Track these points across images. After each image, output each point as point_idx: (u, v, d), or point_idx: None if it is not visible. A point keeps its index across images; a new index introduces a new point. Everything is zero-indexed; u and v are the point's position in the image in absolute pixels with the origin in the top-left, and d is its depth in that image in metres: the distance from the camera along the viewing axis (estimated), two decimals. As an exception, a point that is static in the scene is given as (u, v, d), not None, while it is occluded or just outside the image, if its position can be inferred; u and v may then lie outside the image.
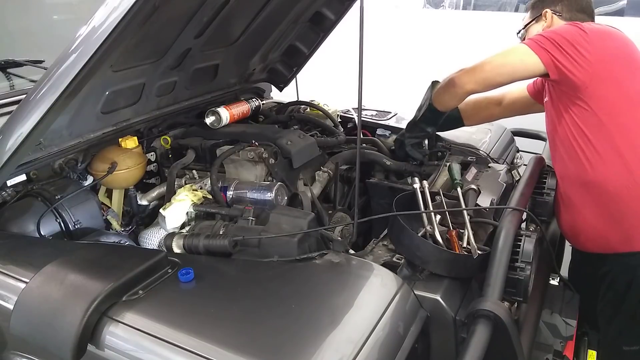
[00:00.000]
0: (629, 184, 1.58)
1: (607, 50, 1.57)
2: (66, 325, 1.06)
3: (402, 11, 4.88)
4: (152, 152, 1.95)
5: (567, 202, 1.73)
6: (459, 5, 5.10)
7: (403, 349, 1.09)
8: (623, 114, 1.58)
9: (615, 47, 1.61)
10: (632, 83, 1.61)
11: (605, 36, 1.60)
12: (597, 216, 1.66)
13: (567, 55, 1.53)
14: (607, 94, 1.57)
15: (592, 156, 1.60)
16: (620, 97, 1.58)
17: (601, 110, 1.57)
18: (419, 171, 1.93)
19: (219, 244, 1.36)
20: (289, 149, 1.79)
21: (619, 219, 1.62)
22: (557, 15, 1.78)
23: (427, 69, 4.14)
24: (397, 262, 1.33)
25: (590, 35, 1.54)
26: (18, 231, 1.48)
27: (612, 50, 1.59)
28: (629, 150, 1.58)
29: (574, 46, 1.53)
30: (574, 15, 1.76)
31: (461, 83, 1.68)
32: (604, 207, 1.63)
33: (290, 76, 2.53)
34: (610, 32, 1.64)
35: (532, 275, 1.31)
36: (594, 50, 1.53)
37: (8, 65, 1.91)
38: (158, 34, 1.57)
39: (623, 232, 1.63)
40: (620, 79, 1.58)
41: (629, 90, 1.60)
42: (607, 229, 1.65)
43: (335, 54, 3.08)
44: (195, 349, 1.00)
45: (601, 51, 1.55)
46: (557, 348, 1.53)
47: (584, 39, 1.54)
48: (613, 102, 1.58)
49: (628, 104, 1.59)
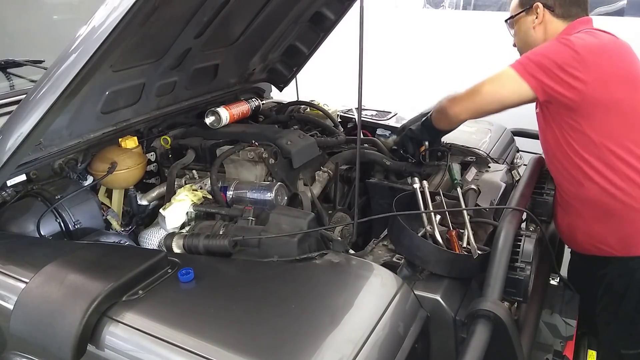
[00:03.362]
0: (624, 199, 1.55)
1: (601, 71, 1.49)
2: (66, 325, 1.06)
3: (402, 11, 4.89)
4: (152, 152, 1.95)
5: (565, 206, 1.72)
6: (459, 5, 5.11)
7: (403, 349, 1.09)
8: (617, 134, 1.52)
9: (611, 65, 1.52)
10: (631, 102, 1.53)
11: (600, 54, 1.50)
12: (594, 221, 1.64)
13: (558, 80, 1.47)
14: (601, 115, 1.51)
15: (585, 174, 1.57)
16: (615, 118, 1.52)
17: (595, 131, 1.52)
18: (419, 171, 1.93)
19: (219, 244, 1.36)
20: (289, 149, 1.79)
21: (616, 225, 1.61)
22: (549, 11, 1.67)
23: (427, 69, 4.15)
24: (397, 262, 1.33)
25: (582, 55, 1.46)
26: (18, 231, 1.48)
27: (607, 69, 1.50)
28: (626, 167, 1.54)
29: (564, 70, 1.46)
30: (567, 10, 1.66)
31: (453, 113, 1.66)
32: (601, 215, 1.62)
33: (290, 76, 2.53)
34: (605, 47, 1.54)
35: (532, 275, 1.31)
36: (587, 72, 1.46)
37: (8, 65, 1.91)
38: (158, 34, 1.58)
39: (620, 237, 1.62)
40: (616, 100, 1.51)
41: (625, 110, 1.52)
42: (604, 233, 1.64)
43: (335, 54, 3.09)
44: (195, 349, 1.00)
45: (595, 72, 1.47)
46: (557, 348, 1.53)
47: (575, 61, 1.46)
48: (607, 123, 1.52)
49: (624, 124, 1.53)
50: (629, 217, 1.58)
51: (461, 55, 3.95)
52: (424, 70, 4.00)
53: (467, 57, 3.85)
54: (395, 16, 4.55)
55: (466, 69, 3.35)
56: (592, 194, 1.59)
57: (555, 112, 1.57)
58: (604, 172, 1.55)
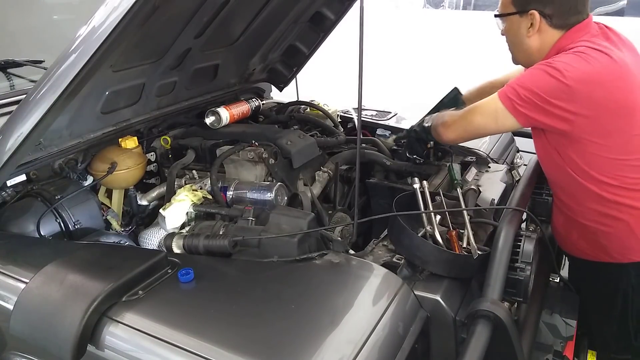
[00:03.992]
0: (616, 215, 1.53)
1: (593, 103, 1.39)
2: (66, 326, 1.06)
3: (402, 11, 4.89)
4: (152, 152, 1.95)
5: (560, 208, 1.71)
6: (459, 5, 5.11)
7: (403, 349, 1.09)
8: (607, 164, 1.48)
9: (604, 97, 1.39)
10: (623, 133, 1.45)
11: (592, 85, 1.38)
12: (589, 230, 1.62)
13: (547, 113, 1.41)
14: (590, 148, 1.45)
15: (575, 190, 1.55)
16: (605, 149, 1.46)
17: (583, 160, 1.48)
18: (419, 171, 1.93)
19: (219, 244, 1.36)
20: (289, 149, 1.78)
21: (611, 235, 1.59)
22: (546, 21, 1.51)
23: (426, 69, 4.16)
24: (397, 262, 1.33)
25: (572, 87, 1.36)
26: (18, 231, 1.48)
27: (600, 101, 1.39)
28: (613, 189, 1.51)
29: (552, 103, 1.39)
30: (566, 20, 1.50)
31: (447, 139, 1.68)
32: (589, 225, 1.60)
33: (290, 76, 2.53)
34: (599, 76, 1.39)
35: (532, 275, 1.31)
36: (577, 105, 1.38)
37: (8, 65, 1.91)
38: (158, 34, 1.58)
39: (616, 246, 1.60)
40: (608, 131, 1.44)
41: (617, 142, 1.46)
42: (599, 242, 1.62)
43: (335, 54, 3.09)
44: (195, 349, 1.00)
45: (586, 105, 1.38)
46: (557, 348, 1.53)
47: (564, 93, 1.37)
48: (596, 154, 1.46)
49: (617, 153, 1.47)
50: (623, 229, 1.56)
51: (461, 55, 3.96)
52: (424, 70, 4.00)
53: (467, 56, 3.85)
54: (395, 16, 4.56)
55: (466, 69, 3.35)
56: (580, 207, 1.58)
57: (548, 133, 1.53)
58: (591, 189, 1.52)
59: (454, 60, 3.93)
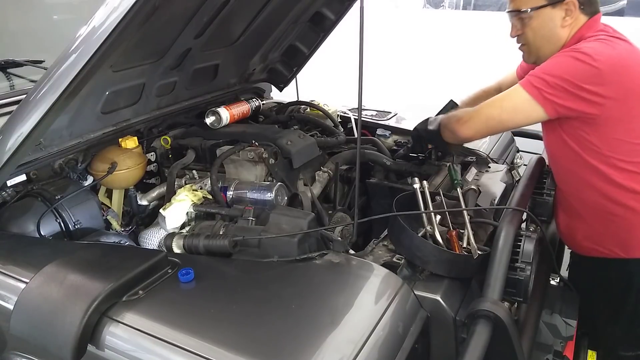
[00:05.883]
0: (627, 202, 1.55)
1: (621, 87, 1.42)
2: (66, 326, 1.06)
3: (402, 11, 4.89)
4: (152, 152, 1.95)
5: (565, 207, 1.72)
6: (459, 5, 5.11)
7: (403, 349, 1.09)
8: (628, 148, 1.49)
9: (631, 80, 1.44)
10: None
11: (621, 69, 1.42)
12: (595, 223, 1.64)
13: (577, 98, 1.41)
14: (613, 131, 1.47)
15: (589, 177, 1.56)
16: (628, 134, 1.48)
17: (605, 144, 1.49)
18: (419, 171, 1.93)
19: (219, 244, 1.36)
20: (289, 149, 1.79)
21: (616, 228, 1.60)
22: (581, 10, 1.53)
23: (426, 69, 4.17)
24: (397, 262, 1.33)
25: (603, 71, 1.39)
26: (18, 231, 1.48)
27: (628, 84, 1.43)
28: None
29: (583, 88, 1.39)
30: (594, 7, 1.54)
31: (464, 135, 1.61)
32: (602, 217, 1.61)
33: (290, 76, 2.53)
34: (625, 61, 1.45)
35: (532, 275, 1.31)
36: (607, 89, 1.40)
37: (8, 65, 1.91)
38: (158, 34, 1.58)
39: (621, 239, 1.61)
40: (632, 116, 1.47)
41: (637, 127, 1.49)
42: (605, 235, 1.63)
43: (335, 54, 3.09)
44: (195, 349, 1.00)
45: (615, 89, 1.41)
46: (557, 348, 1.53)
47: (595, 76, 1.39)
48: (619, 139, 1.48)
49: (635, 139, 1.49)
50: (630, 220, 1.58)
51: (461, 54, 3.96)
52: (424, 70, 4.01)
53: (467, 56, 3.85)
54: (395, 16, 4.56)
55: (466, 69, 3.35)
56: (593, 197, 1.58)
57: (565, 122, 1.52)
58: (608, 175, 1.53)
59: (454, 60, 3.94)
